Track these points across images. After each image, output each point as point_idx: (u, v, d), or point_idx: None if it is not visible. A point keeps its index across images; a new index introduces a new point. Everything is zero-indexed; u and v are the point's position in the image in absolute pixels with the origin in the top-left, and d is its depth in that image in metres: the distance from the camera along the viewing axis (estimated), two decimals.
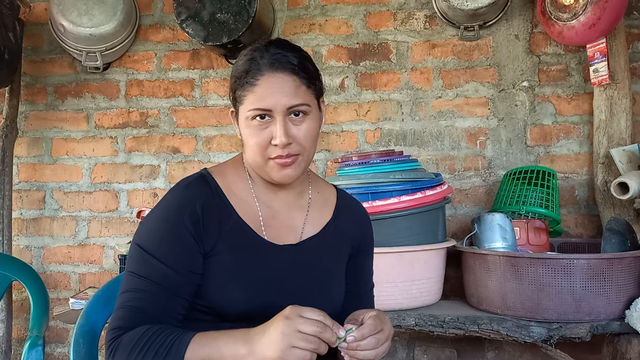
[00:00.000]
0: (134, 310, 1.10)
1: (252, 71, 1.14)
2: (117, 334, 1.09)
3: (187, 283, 1.13)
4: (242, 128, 1.18)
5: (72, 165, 2.91)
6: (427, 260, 2.20)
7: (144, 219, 1.21)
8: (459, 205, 2.68)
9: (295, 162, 1.16)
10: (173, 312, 1.12)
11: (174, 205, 1.16)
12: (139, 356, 1.05)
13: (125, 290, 1.13)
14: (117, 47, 2.74)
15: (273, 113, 1.13)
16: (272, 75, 1.13)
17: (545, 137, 2.64)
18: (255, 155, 1.16)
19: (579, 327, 2.01)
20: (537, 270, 2.02)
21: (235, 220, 1.19)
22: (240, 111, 1.18)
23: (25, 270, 2.21)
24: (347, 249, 1.31)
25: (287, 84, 1.13)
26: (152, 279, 1.11)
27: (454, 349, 2.63)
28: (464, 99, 2.69)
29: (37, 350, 1.86)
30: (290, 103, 1.13)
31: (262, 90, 1.13)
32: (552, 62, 2.65)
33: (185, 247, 1.13)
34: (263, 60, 1.14)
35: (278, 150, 1.14)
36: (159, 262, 1.12)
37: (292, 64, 1.15)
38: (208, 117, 2.84)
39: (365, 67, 2.76)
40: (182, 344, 1.05)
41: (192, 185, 1.19)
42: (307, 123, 1.16)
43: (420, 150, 2.71)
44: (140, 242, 1.15)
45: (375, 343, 1.05)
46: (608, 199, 2.44)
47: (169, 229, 1.14)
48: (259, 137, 1.14)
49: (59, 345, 2.87)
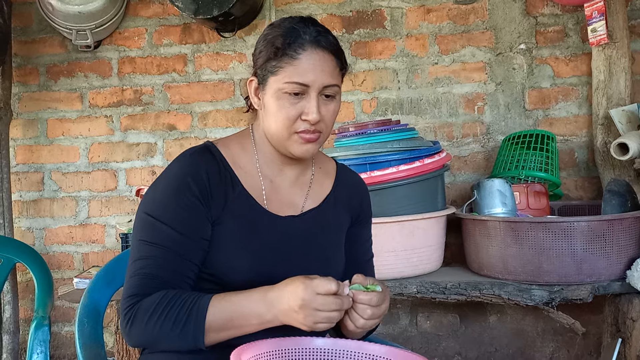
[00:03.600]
0: (147, 276, 1.11)
1: (294, 44, 1.13)
2: (134, 301, 1.09)
3: (196, 248, 1.14)
4: (269, 99, 1.16)
5: (68, 145, 2.90)
6: (427, 228, 2.20)
7: (149, 188, 1.21)
8: (458, 172, 2.67)
9: (318, 139, 1.17)
10: (185, 277, 1.13)
11: (180, 171, 1.17)
12: (158, 322, 1.06)
13: (136, 259, 1.13)
14: (107, 24, 2.70)
15: (309, 89, 1.13)
16: (314, 52, 1.13)
17: (543, 100, 2.62)
18: (280, 128, 1.16)
19: (580, 288, 2.02)
20: (538, 234, 2.02)
21: (239, 190, 1.20)
22: (270, 82, 1.16)
23: (28, 252, 2.22)
24: (347, 220, 1.33)
25: (327, 63, 1.15)
26: (163, 244, 1.12)
27: (456, 314, 2.66)
28: (461, 65, 2.66)
29: (44, 331, 1.88)
30: (328, 82, 1.14)
31: (303, 64, 1.13)
32: (550, 23, 2.61)
33: (193, 212, 1.14)
34: (306, 36, 1.14)
35: (307, 125, 1.14)
36: (168, 227, 1.12)
37: (334, 44, 1.17)
38: (202, 93, 2.82)
39: (359, 35, 2.72)
40: (202, 308, 1.06)
41: (197, 154, 1.19)
42: (334, 105, 1.18)
43: (417, 119, 2.69)
44: (147, 210, 1.16)
45: (369, 314, 1.07)
46: (608, 161, 2.43)
47: (176, 194, 1.14)
48: (290, 111, 1.14)
49: (66, 324, 2.90)
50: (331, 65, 1.16)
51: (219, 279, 1.16)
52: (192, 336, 1.06)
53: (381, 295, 1.09)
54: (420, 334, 2.68)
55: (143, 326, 1.08)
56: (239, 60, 2.79)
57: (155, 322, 1.06)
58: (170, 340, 1.07)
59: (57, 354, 2.90)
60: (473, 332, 2.66)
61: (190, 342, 1.06)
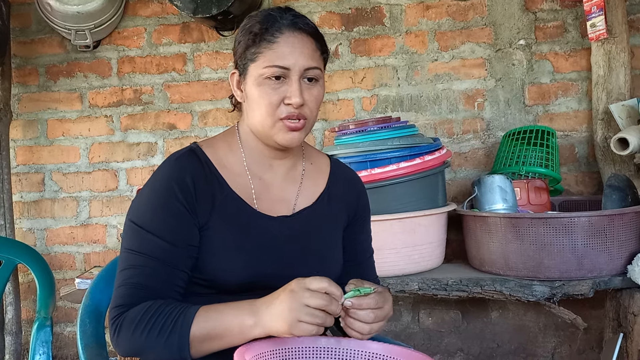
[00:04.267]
0: (134, 286, 1.09)
1: (271, 29, 1.13)
2: (120, 312, 1.08)
3: (184, 256, 1.12)
4: (251, 88, 1.15)
5: (69, 146, 2.90)
6: (428, 225, 2.20)
7: (137, 194, 1.20)
8: (458, 168, 2.67)
9: (303, 127, 1.16)
10: (174, 286, 1.11)
11: (165, 178, 1.15)
12: (144, 332, 1.04)
13: (124, 268, 1.12)
14: (105, 24, 2.70)
15: (290, 73, 1.12)
16: (292, 35, 1.13)
17: (543, 95, 2.62)
18: (264, 116, 1.14)
19: (582, 284, 2.02)
20: (539, 230, 2.02)
21: (227, 192, 1.18)
22: (250, 70, 1.15)
23: (29, 253, 2.22)
24: (343, 217, 1.30)
25: (306, 45, 1.14)
26: (150, 253, 1.10)
27: (458, 310, 2.67)
28: (461, 61, 2.66)
29: (46, 331, 1.88)
30: (308, 64, 1.13)
31: (282, 48, 1.12)
32: (549, 18, 2.61)
33: (179, 219, 1.12)
34: (283, 21, 1.14)
35: (290, 109, 1.13)
36: (154, 236, 1.11)
37: (312, 27, 1.17)
38: (202, 92, 2.82)
39: (358, 32, 2.72)
40: (188, 318, 1.04)
41: (181, 159, 1.18)
42: (317, 89, 1.17)
43: (417, 116, 2.69)
44: (133, 218, 1.14)
45: (372, 318, 1.04)
46: (608, 155, 2.43)
47: (161, 202, 1.13)
48: (272, 96, 1.12)
49: (68, 324, 2.91)
50: (310, 47, 1.15)
51: (212, 283, 1.14)
52: (177, 346, 1.03)
53: (381, 297, 1.06)
54: (422, 330, 2.68)
55: (129, 336, 1.06)
56: None
57: (141, 332, 1.05)
58: (156, 350, 1.05)
59: (60, 354, 2.90)
60: (475, 328, 2.66)
61: (175, 353, 1.04)
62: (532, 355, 2.62)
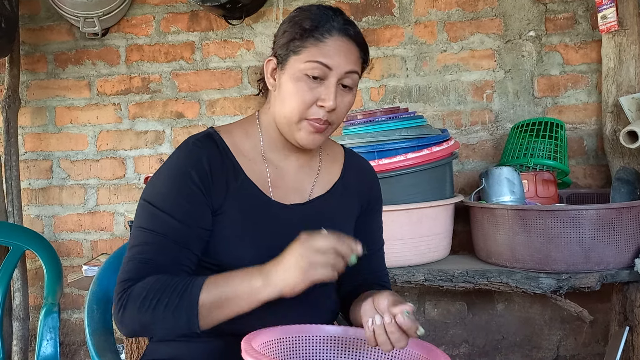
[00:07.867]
0: (143, 261, 1.10)
1: (322, 28, 1.14)
2: (127, 286, 1.08)
3: (195, 237, 1.13)
4: (286, 80, 1.15)
5: (77, 133, 2.91)
6: (435, 216, 2.20)
7: (152, 175, 1.21)
8: (466, 160, 2.67)
9: (326, 130, 1.16)
10: (182, 266, 1.12)
11: (181, 160, 1.16)
12: (151, 305, 1.04)
13: (133, 245, 1.13)
14: (114, 12, 2.70)
15: (330, 74, 1.13)
16: (341, 39, 1.14)
17: (552, 87, 2.60)
18: (293, 112, 1.14)
19: (588, 277, 2.02)
20: (546, 222, 2.02)
21: (242, 178, 1.18)
22: (290, 62, 1.15)
23: (37, 240, 2.24)
24: (356, 207, 1.31)
25: (351, 52, 1.16)
26: (161, 231, 1.11)
27: (464, 302, 2.67)
28: (470, 52, 2.64)
29: (53, 317, 1.90)
30: (350, 68, 1.15)
31: (329, 48, 1.13)
32: (559, 10, 2.58)
33: (193, 200, 1.13)
34: (334, 23, 1.15)
35: (320, 112, 1.13)
36: (167, 215, 1.11)
37: (360, 36, 1.19)
38: (210, 80, 2.81)
39: (367, 22, 2.70)
40: (196, 287, 1.04)
41: (198, 142, 1.19)
42: (350, 97, 1.19)
43: (425, 106, 2.68)
44: (147, 198, 1.15)
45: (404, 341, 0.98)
46: (617, 148, 2.41)
47: (176, 183, 1.14)
48: (306, 95, 1.13)
49: (75, 311, 2.93)
50: (355, 54, 1.17)
51: (222, 268, 1.14)
52: (186, 316, 1.03)
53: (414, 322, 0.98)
54: (428, 321, 2.68)
55: (136, 311, 1.05)
56: (247, 47, 2.78)
57: (148, 306, 1.04)
58: (164, 323, 1.04)
59: (67, 340, 2.93)
60: (480, 320, 2.66)
61: (184, 324, 1.03)
62: (538, 347, 2.62)
